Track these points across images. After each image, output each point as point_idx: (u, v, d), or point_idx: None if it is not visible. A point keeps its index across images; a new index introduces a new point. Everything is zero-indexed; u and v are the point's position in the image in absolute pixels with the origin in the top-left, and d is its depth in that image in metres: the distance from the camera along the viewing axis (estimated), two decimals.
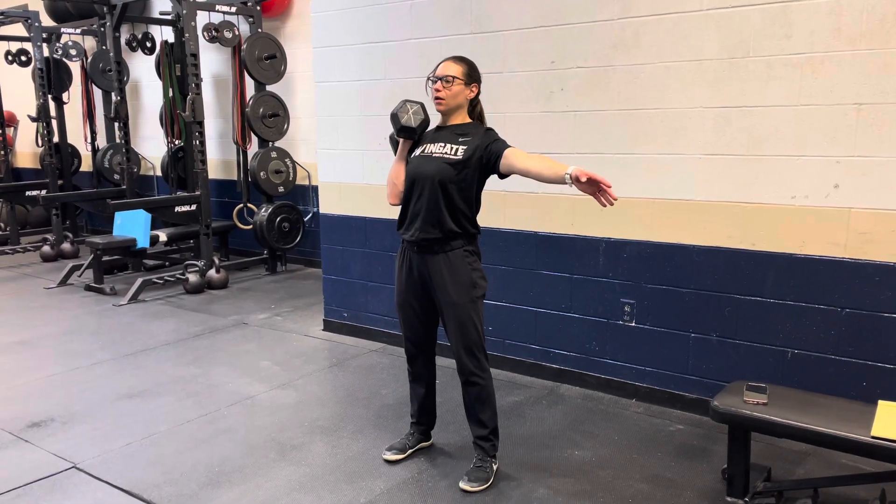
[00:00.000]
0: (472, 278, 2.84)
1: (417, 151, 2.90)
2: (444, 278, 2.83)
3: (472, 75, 2.86)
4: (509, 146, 2.76)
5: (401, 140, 2.95)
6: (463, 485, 2.88)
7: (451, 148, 2.80)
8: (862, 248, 3.08)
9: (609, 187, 2.45)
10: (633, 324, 3.73)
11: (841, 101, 3.04)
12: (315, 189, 6.74)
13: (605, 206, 2.50)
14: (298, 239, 6.90)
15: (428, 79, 2.86)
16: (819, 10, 3.05)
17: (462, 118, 2.89)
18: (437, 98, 2.83)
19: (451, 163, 2.77)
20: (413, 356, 3.11)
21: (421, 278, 2.91)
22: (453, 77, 2.80)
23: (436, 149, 2.83)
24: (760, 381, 2.82)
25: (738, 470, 2.75)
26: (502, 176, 2.80)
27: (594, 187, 2.46)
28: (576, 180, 2.46)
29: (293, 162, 6.84)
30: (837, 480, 2.80)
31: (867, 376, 3.13)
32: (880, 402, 2.67)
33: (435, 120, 2.95)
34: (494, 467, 2.98)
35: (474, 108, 2.93)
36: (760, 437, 2.94)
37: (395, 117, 2.88)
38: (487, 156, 2.76)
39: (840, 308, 3.16)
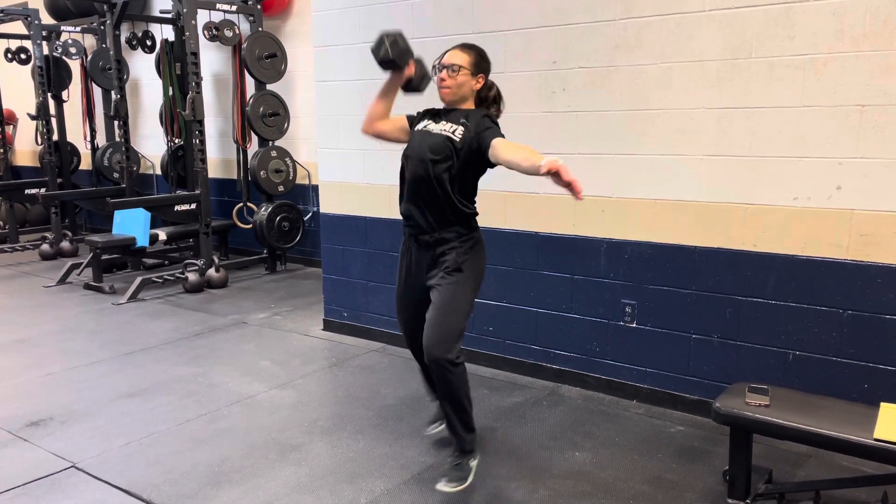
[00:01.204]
0: (466, 262, 2.76)
1: (419, 126, 2.84)
2: (439, 265, 2.77)
3: (480, 65, 2.78)
4: (500, 136, 2.66)
5: (390, 73, 2.82)
6: (441, 486, 2.76)
7: (452, 127, 2.73)
8: (864, 249, 3.07)
9: (574, 181, 2.28)
10: (634, 325, 3.72)
11: (844, 102, 3.04)
12: (315, 188, 6.72)
13: (577, 199, 2.36)
14: (298, 238, 6.89)
15: (434, 66, 2.80)
16: (822, 11, 3.04)
17: (468, 108, 2.82)
18: (441, 87, 2.78)
19: (450, 140, 2.70)
20: (410, 339, 3.04)
21: (419, 266, 2.85)
22: (459, 66, 2.73)
23: (437, 127, 2.77)
24: (762, 383, 2.81)
25: (739, 472, 2.74)
26: (491, 165, 2.72)
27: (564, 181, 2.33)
28: (546, 172, 2.32)
29: (293, 161, 6.83)
30: (839, 483, 2.80)
31: (869, 378, 3.13)
32: (882, 404, 2.67)
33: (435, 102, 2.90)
34: (472, 464, 2.85)
35: (489, 90, 2.86)
36: (762, 438, 2.93)
37: (373, 52, 2.73)
38: (478, 141, 2.67)
39: (842, 310, 3.15)
